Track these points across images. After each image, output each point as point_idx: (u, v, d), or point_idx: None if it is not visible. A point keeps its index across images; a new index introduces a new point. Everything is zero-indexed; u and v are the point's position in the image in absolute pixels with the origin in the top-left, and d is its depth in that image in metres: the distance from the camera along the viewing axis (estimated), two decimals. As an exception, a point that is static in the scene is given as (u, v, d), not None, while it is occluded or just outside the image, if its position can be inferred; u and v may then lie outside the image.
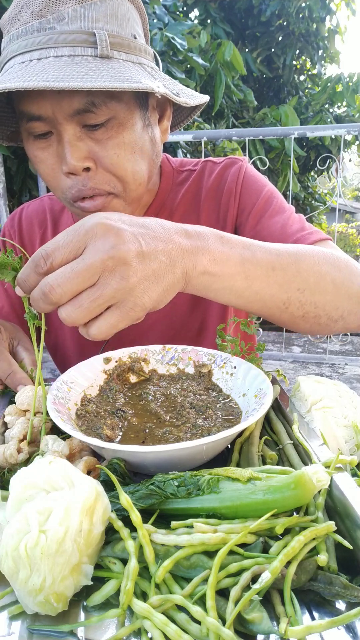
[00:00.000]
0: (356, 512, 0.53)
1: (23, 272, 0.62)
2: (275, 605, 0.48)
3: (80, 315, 0.59)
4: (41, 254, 0.60)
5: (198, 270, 0.67)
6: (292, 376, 3.79)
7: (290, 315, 0.82)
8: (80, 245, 0.59)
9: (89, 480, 0.53)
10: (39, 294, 0.59)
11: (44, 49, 0.79)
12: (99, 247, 0.58)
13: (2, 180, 4.05)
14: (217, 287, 0.72)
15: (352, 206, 16.67)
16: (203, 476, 0.56)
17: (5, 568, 0.48)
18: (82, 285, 0.58)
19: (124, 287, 0.59)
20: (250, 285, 0.74)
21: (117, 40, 0.82)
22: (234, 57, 5.60)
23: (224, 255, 0.70)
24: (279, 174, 6.54)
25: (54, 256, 0.59)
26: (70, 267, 0.58)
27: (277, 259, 0.77)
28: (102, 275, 0.58)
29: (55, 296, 0.58)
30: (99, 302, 0.59)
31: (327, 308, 0.84)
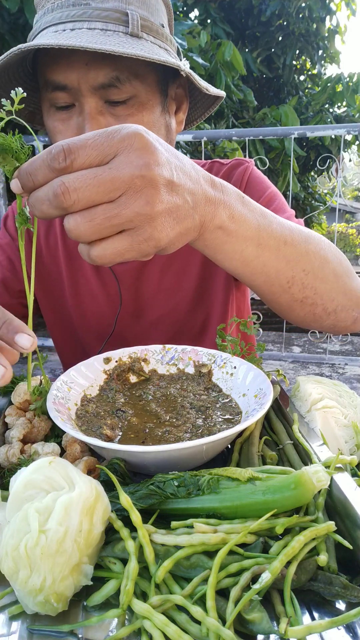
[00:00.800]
0: (356, 512, 0.53)
1: (32, 163, 0.53)
2: (275, 605, 0.48)
3: (89, 230, 0.52)
4: (62, 147, 0.51)
5: (215, 224, 0.64)
6: (292, 376, 3.79)
7: (291, 297, 0.80)
8: (111, 151, 0.52)
9: (89, 480, 0.53)
10: (47, 194, 0.51)
11: (78, 21, 0.81)
12: (132, 160, 0.52)
13: (2, 180, 4.05)
14: (228, 247, 0.68)
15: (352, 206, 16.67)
16: (203, 476, 0.56)
17: (5, 568, 0.48)
18: (102, 197, 0.51)
19: (147, 213, 0.53)
20: (260, 254, 0.71)
21: (147, 23, 0.85)
22: (234, 57, 5.60)
23: (242, 216, 0.67)
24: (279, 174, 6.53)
25: (76, 154, 0.51)
26: (93, 172, 0.51)
27: (290, 234, 0.75)
28: (125, 193, 0.52)
29: (68, 200, 0.50)
30: (114, 222, 0.52)
31: (324, 297, 0.83)
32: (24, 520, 0.48)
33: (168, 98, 0.95)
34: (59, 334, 1.25)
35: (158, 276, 1.12)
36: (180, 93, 1.00)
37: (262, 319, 3.28)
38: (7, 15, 3.66)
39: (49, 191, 0.51)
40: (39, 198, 0.52)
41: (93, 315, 1.16)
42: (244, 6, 7.51)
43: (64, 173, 0.51)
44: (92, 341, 1.17)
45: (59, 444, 0.72)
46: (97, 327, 1.16)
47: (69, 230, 0.53)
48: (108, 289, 1.13)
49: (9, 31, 3.79)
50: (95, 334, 1.17)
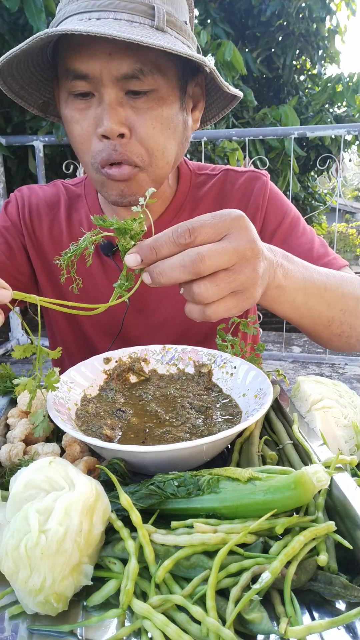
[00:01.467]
0: (356, 512, 0.53)
1: (157, 240, 0.63)
2: (275, 605, 0.48)
3: (214, 293, 0.63)
4: (186, 227, 0.62)
5: (274, 283, 0.75)
6: (292, 376, 3.79)
7: (330, 333, 0.93)
8: (224, 230, 0.63)
9: (89, 480, 0.53)
10: (183, 261, 0.61)
11: (104, 11, 0.82)
12: (243, 236, 0.64)
13: (2, 180, 4.05)
14: (282, 299, 0.80)
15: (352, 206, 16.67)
16: (203, 476, 0.56)
17: (5, 568, 0.48)
18: (226, 263, 0.62)
19: (253, 277, 0.65)
20: (307, 301, 0.83)
21: (172, 19, 0.86)
22: (234, 57, 5.59)
23: (291, 272, 0.79)
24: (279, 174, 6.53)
25: (198, 232, 0.62)
26: (220, 245, 0.62)
27: (328, 280, 0.88)
28: (238, 262, 0.63)
29: (202, 266, 0.60)
30: (232, 286, 0.64)
31: (358, 329, 0.96)
32: (24, 520, 0.48)
33: (186, 95, 0.96)
34: (66, 331, 1.24)
35: None
36: (197, 92, 1.00)
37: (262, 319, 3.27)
38: (7, 15, 3.66)
39: (186, 259, 0.61)
40: (172, 265, 0.62)
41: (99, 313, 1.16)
42: (244, 6, 7.50)
43: (187, 248, 0.62)
44: (97, 338, 1.17)
45: (59, 445, 0.72)
46: (103, 325, 1.15)
47: (199, 294, 0.63)
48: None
49: (9, 31, 3.79)
50: (101, 332, 1.16)
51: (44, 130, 4.13)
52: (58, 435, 0.78)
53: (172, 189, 1.13)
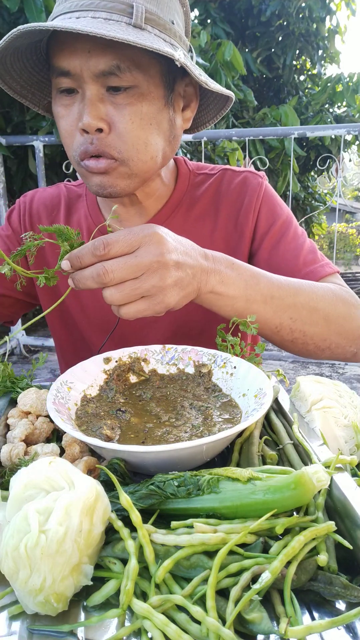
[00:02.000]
0: (356, 512, 0.53)
1: (81, 250, 0.72)
2: (275, 605, 0.48)
3: (119, 298, 0.72)
4: (102, 241, 0.70)
5: (207, 289, 0.82)
6: (292, 376, 3.79)
7: (281, 338, 0.95)
8: (136, 244, 0.71)
9: (89, 480, 0.53)
10: (92, 273, 0.71)
11: (84, 11, 0.85)
12: (151, 251, 0.72)
13: (2, 180, 4.05)
14: (220, 303, 0.86)
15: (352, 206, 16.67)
16: (203, 476, 0.56)
17: (5, 568, 0.48)
18: (130, 276, 0.71)
19: (160, 286, 0.73)
20: (248, 307, 0.87)
21: (153, 17, 0.86)
22: (234, 57, 5.59)
23: (231, 280, 0.84)
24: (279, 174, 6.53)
25: (112, 246, 0.70)
26: (124, 260, 0.70)
27: (278, 290, 0.90)
28: (145, 272, 0.71)
29: (107, 278, 0.70)
30: (137, 292, 0.72)
31: (315, 338, 0.95)
32: (24, 520, 0.48)
33: (174, 93, 0.96)
34: (59, 328, 1.25)
35: None
36: (190, 92, 1.00)
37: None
38: (7, 15, 3.66)
39: (94, 272, 0.71)
40: (85, 276, 0.72)
41: (93, 309, 1.16)
42: (244, 6, 7.51)
43: (103, 259, 0.71)
44: (92, 335, 1.18)
45: (59, 445, 0.72)
46: (98, 321, 1.16)
47: (106, 298, 0.72)
48: None
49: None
50: (96, 328, 1.17)
51: (44, 130, 4.13)
52: (58, 435, 0.78)
53: (169, 187, 1.13)
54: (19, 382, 0.89)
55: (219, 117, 1.11)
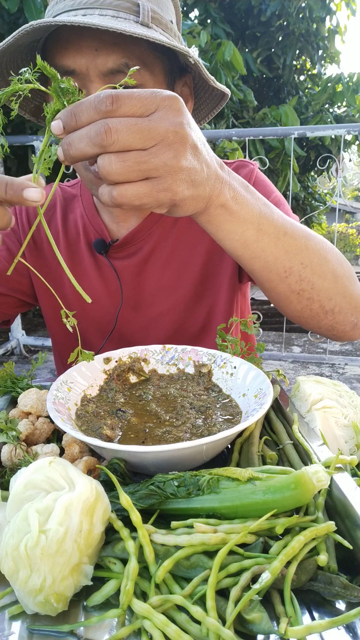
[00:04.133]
0: (356, 512, 0.53)
1: (79, 104, 0.57)
2: (275, 605, 0.48)
3: (119, 170, 0.57)
4: (110, 94, 0.56)
5: (219, 201, 0.69)
6: (292, 376, 3.80)
7: (287, 287, 0.83)
8: (152, 106, 0.58)
9: (89, 480, 0.53)
10: (89, 132, 0.56)
11: (90, 8, 0.83)
12: (169, 117, 0.58)
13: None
14: (228, 227, 0.73)
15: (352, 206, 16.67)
16: (203, 476, 0.56)
17: (5, 568, 0.48)
18: (138, 143, 0.57)
19: (172, 165, 0.59)
20: (259, 239, 0.75)
21: (157, 16, 0.86)
22: (234, 57, 5.59)
23: (245, 200, 0.73)
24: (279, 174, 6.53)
25: (122, 101, 0.56)
26: (135, 121, 0.56)
27: (291, 227, 0.80)
28: (158, 144, 0.58)
29: (108, 139, 0.56)
30: (142, 167, 0.58)
31: (322, 294, 0.85)
32: (24, 520, 0.48)
33: (174, 91, 0.96)
34: (58, 328, 1.24)
35: (159, 273, 1.12)
36: (185, 92, 1.00)
37: (262, 319, 3.28)
38: (7, 15, 3.66)
39: (92, 130, 0.56)
40: (80, 136, 0.57)
41: (93, 310, 1.16)
42: (244, 6, 7.50)
43: (108, 117, 0.56)
44: (91, 336, 1.18)
45: (59, 445, 0.72)
46: (97, 322, 1.16)
47: (101, 166, 0.57)
48: (108, 284, 1.13)
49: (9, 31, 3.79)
50: (95, 329, 1.17)
51: (44, 130, 4.13)
52: (58, 436, 0.78)
53: None
54: (19, 382, 0.89)
55: (213, 115, 1.11)
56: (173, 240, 1.11)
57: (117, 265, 1.11)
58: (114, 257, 1.11)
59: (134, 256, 1.11)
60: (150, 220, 1.09)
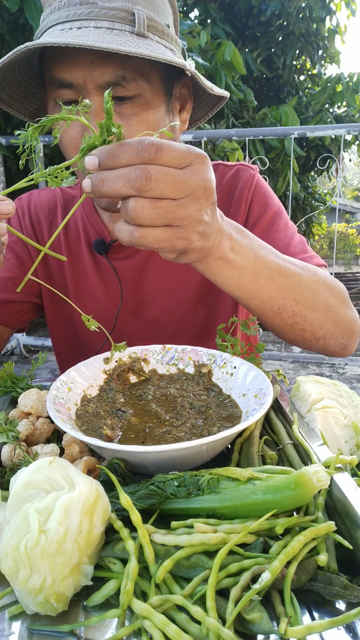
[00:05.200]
0: (356, 512, 0.53)
1: (120, 146, 0.59)
2: (275, 605, 0.48)
3: (149, 215, 0.60)
4: (155, 143, 0.58)
5: (218, 253, 0.72)
6: (292, 376, 3.79)
7: (281, 321, 0.87)
8: (188, 160, 0.61)
9: (89, 480, 0.53)
10: (129, 174, 0.58)
11: (85, 20, 0.82)
12: (201, 173, 0.61)
13: (2, 181, 4.05)
14: (226, 274, 0.75)
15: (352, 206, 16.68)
16: (203, 476, 0.56)
17: (5, 568, 0.48)
18: (171, 193, 0.60)
19: (196, 217, 0.62)
20: (255, 281, 0.78)
21: (153, 23, 0.86)
22: (234, 57, 5.59)
23: (241, 248, 0.75)
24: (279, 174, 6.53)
25: (164, 152, 0.58)
26: (173, 173, 0.59)
27: (285, 266, 0.83)
28: (188, 196, 0.61)
29: (147, 186, 0.58)
30: (170, 217, 0.61)
31: (314, 324, 0.90)
32: (24, 520, 0.48)
33: (172, 97, 0.96)
34: (58, 329, 1.25)
35: (159, 273, 1.12)
36: (184, 93, 1.00)
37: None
38: (7, 15, 3.66)
39: (132, 173, 0.58)
40: (117, 176, 0.59)
41: (93, 310, 1.16)
42: (244, 6, 7.51)
43: (148, 163, 0.58)
44: (91, 337, 1.18)
45: (59, 445, 0.72)
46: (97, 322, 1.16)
47: (133, 209, 0.59)
48: (108, 284, 1.13)
49: (9, 31, 3.79)
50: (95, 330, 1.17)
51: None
52: (59, 436, 0.78)
53: None
54: (19, 382, 0.89)
55: (212, 114, 1.11)
56: None
57: (117, 265, 1.11)
58: (114, 257, 1.11)
59: (134, 256, 1.11)
60: None
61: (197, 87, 1.00)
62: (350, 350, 1.01)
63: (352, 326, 0.97)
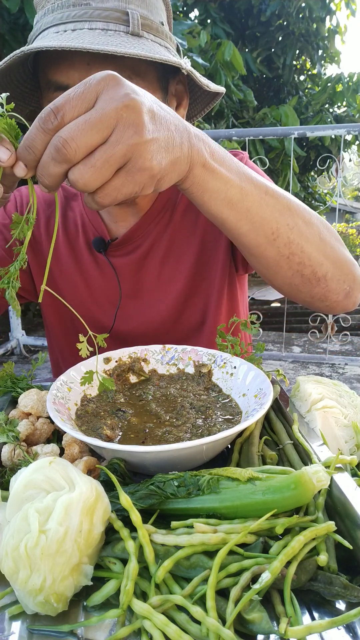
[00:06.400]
0: (356, 512, 0.53)
1: (29, 135, 0.56)
2: (275, 605, 0.48)
3: (92, 176, 0.55)
4: (50, 109, 0.54)
5: (200, 161, 0.67)
6: (292, 376, 3.80)
7: (277, 251, 0.81)
8: (92, 95, 0.55)
9: (89, 480, 0.53)
10: (50, 153, 0.54)
11: (79, 21, 0.82)
12: (113, 95, 0.55)
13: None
14: (212, 185, 0.70)
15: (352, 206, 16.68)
16: (203, 476, 0.56)
17: (5, 568, 0.48)
18: (97, 137, 0.54)
19: (137, 142, 0.56)
20: (243, 198, 0.74)
21: (147, 22, 0.86)
22: (234, 57, 5.60)
23: (222, 157, 0.71)
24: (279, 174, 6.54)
25: (64, 109, 0.54)
26: (83, 119, 0.54)
27: (271, 187, 0.79)
28: (116, 128, 0.55)
29: (69, 151, 0.53)
30: (112, 162, 0.55)
31: (312, 259, 0.83)
32: (24, 520, 0.48)
33: (168, 95, 0.96)
34: (56, 325, 1.24)
35: (157, 269, 1.12)
36: (180, 89, 1.01)
37: (262, 319, 3.28)
38: (7, 15, 3.66)
39: (52, 149, 0.54)
40: (44, 163, 0.55)
41: (92, 307, 1.16)
42: (244, 6, 7.51)
43: (57, 131, 0.54)
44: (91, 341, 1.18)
45: (59, 445, 0.72)
46: (96, 320, 1.16)
47: (76, 181, 0.55)
48: (107, 282, 1.14)
49: (9, 31, 3.79)
50: (94, 326, 1.17)
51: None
52: (59, 436, 0.78)
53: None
54: (19, 382, 0.89)
55: (208, 110, 1.11)
56: (170, 236, 1.11)
57: (116, 263, 1.11)
58: (113, 255, 1.12)
59: (132, 254, 1.11)
60: (148, 218, 1.10)
61: (192, 83, 1.00)
62: (355, 300, 0.93)
63: (352, 270, 0.89)
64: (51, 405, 0.71)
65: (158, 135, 0.58)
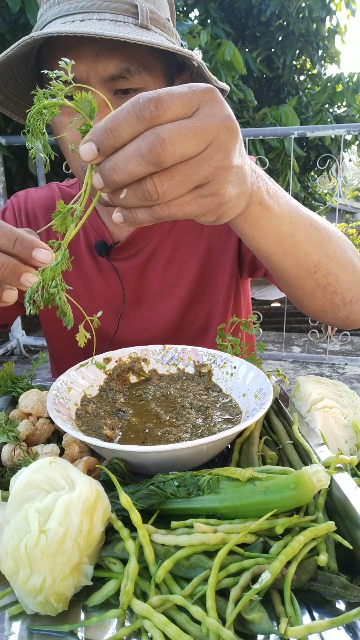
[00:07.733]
0: (356, 512, 0.53)
1: (116, 117, 0.48)
2: (275, 605, 0.48)
3: (169, 189, 0.49)
4: (151, 96, 0.47)
5: (258, 197, 0.64)
6: (292, 376, 3.79)
7: (315, 283, 0.81)
8: (195, 103, 0.49)
9: (89, 480, 0.53)
10: (139, 149, 0.47)
11: (87, 12, 0.81)
12: (216, 112, 0.50)
13: (2, 180, 4.05)
14: (265, 223, 0.68)
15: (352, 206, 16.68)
16: (203, 476, 0.56)
17: (5, 568, 0.48)
18: (193, 150, 0.49)
19: (223, 167, 0.51)
20: (293, 233, 0.72)
21: (155, 16, 0.85)
22: (234, 57, 5.59)
23: (275, 192, 0.69)
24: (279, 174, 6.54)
25: (167, 103, 0.47)
26: (185, 124, 0.48)
27: (314, 217, 0.78)
28: (209, 146, 0.50)
29: (164, 154, 0.47)
30: (193, 179, 0.50)
31: (344, 286, 0.84)
32: (24, 520, 0.48)
33: None
34: (56, 331, 1.24)
35: (161, 273, 1.12)
36: None
37: (262, 319, 3.28)
38: (8, 15, 3.66)
39: (141, 146, 0.47)
40: (127, 155, 0.48)
41: (94, 312, 1.16)
42: (244, 6, 7.51)
43: (153, 124, 0.47)
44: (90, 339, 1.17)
45: (59, 445, 0.72)
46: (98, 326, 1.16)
47: (151, 192, 0.49)
48: (110, 286, 1.13)
49: (10, 31, 3.79)
50: (96, 331, 1.17)
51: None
52: (58, 436, 0.78)
53: None
54: (19, 382, 0.89)
55: None
56: (174, 240, 1.11)
57: (118, 266, 1.10)
58: (115, 258, 1.11)
59: (135, 257, 1.11)
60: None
61: (197, 81, 0.99)
62: None
63: None
64: (51, 405, 0.71)
65: (239, 163, 0.55)
